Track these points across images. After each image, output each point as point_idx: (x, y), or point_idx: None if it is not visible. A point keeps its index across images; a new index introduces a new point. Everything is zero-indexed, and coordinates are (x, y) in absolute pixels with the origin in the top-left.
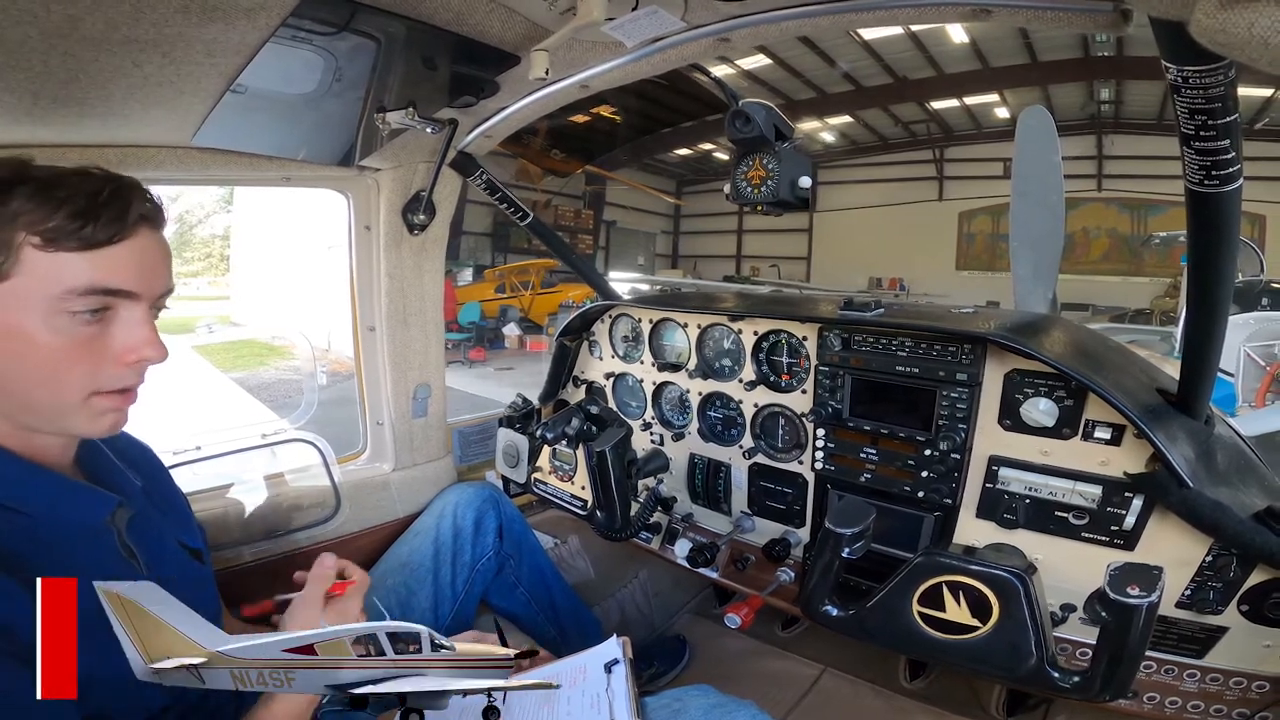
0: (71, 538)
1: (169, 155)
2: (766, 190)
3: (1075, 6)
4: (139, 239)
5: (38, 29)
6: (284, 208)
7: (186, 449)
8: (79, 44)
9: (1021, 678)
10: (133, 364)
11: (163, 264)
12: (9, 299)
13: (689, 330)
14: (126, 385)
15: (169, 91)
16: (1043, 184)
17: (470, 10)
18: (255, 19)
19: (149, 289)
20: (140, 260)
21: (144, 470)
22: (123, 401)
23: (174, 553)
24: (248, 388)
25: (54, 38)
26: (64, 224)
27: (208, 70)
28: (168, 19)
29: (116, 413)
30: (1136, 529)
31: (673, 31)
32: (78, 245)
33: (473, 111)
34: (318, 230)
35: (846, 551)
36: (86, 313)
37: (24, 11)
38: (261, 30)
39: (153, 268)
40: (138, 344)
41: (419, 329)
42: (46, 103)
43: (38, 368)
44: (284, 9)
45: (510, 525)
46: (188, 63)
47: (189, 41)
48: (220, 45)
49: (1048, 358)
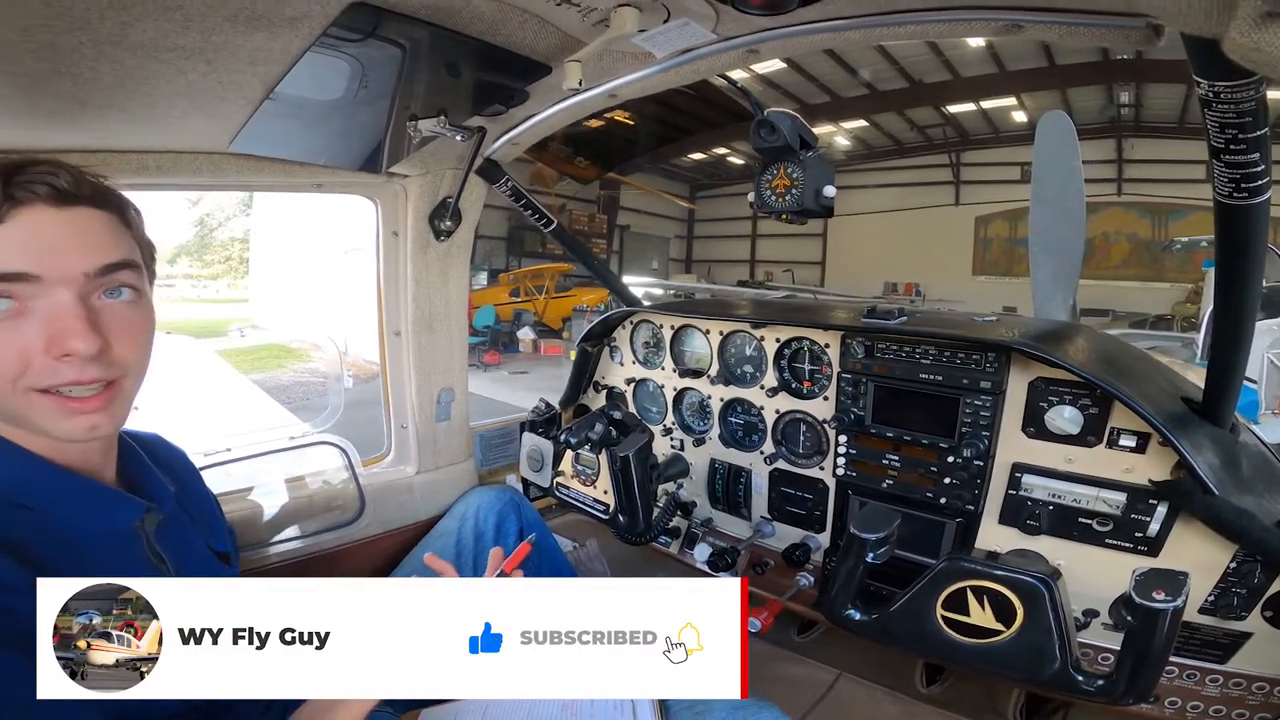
0: (97, 542)
1: (205, 161)
2: (791, 199)
3: (1106, 23)
4: (23, 219)
5: (89, 36)
6: (301, 211)
7: (217, 451)
8: (128, 51)
9: (1045, 681)
10: (59, 357)
11: (72, 241)
12: None
13: (711, 337)
14: (67, 380)
15: (210, 99)
16: (1063, 190)
17: (504, 21)
18: (298, 28)
19: (56, 271)
20: (34, 239)
21: (177, 474)
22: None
23: (202, 557)
24: (266, 389)
25: (104, 45)
26: None
27: (249, 78)
28: (215, 27)
29: (87, 414)
30: (1161, 535)
31: (703, 43)
32: None
33: (501, 119)
34: (335, 234)
35: (871, 556)
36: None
37: (78, 19)
38: (303, 39)
39: (54, 246)
40: (58, 334)
41: (444, 333)
42: (92, 109)
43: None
44: (326, 18)
45: (530, 528)
46: (230, 71)
47: (233, 50)
48: (263, 54)
49: (1074, 367)
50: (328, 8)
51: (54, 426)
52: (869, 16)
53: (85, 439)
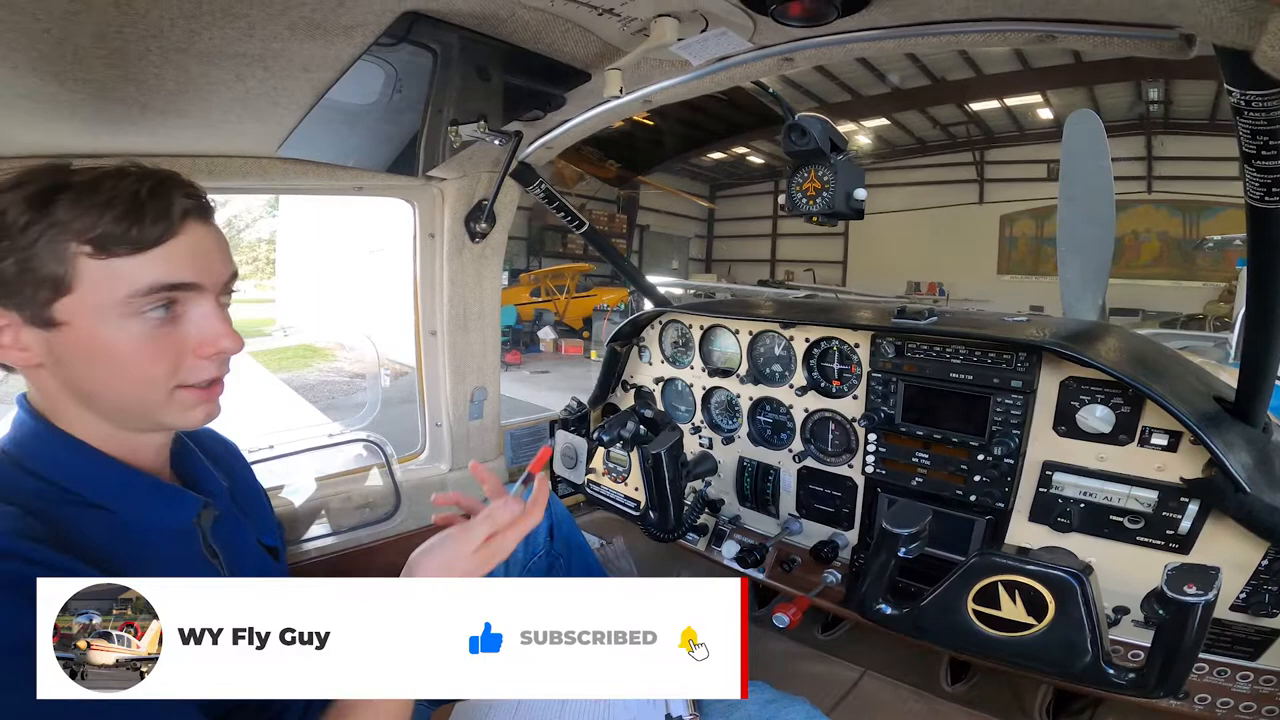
0: (158, 538)
1: (254, 165)
2: (822, 201)
3: (1138, 34)
4: (189, 233)
5: (158, 43)
6: (326, 213)
7: (261, 447)
8: (193, 58)
9: (1076, 675)
10: (210, 356)
11: (218, 253)
12: (79, 310)
13: (740, 336)
14: (208, 377)
15: (265, 104)
16: (1091, 189)
17: (547, 30)
18: (352, 36)
19: (210, 279)
20: (194, 252)
21: (229, 468)
22: (210, 393)
23: (254, 552)
24: (295, 388)
25: (171, 51)
26: (111, 229)
27: (302, 84)
28: (276, 35)
29: (207, 404)
30: (1192, 533)
31: (739, 51)
32: (129, 249)
33: (537, 124)
34: (359, 235)
35: (903, 551)
36: (156, 311)
37: (151, 26)
38: (356, 47)
39: (209, 258)
40: (212, 336)
41: (478, 333)
42: (153, 114)
43: (122, 371)
44: (379, 27)
45: (560, 525)
46: (286, 77)
47: (290, 57)
48: (317, 61)
49: (1107, 366)
50: (381, 17)
51: (184, 418)
52: (904, 27)
53: (197, 426)
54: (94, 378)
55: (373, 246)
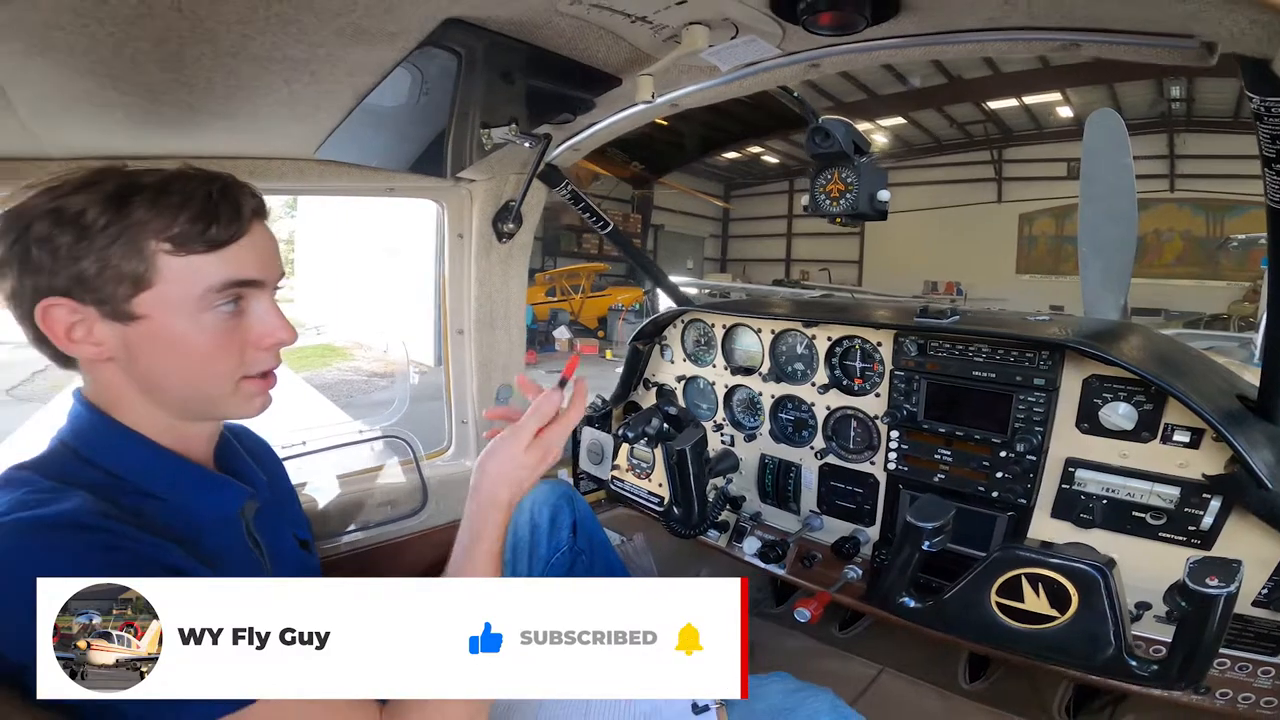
0: (209, 527)
1: (291, 167)
2: (845, 203)
3: (1160, 43)
4: (255, 232)
5: (213, 47)
6: (344, 214)
7: (293, 443)
8: (245, 62)
9: (1099, 666)
10: (269, 347)
11: (276, 252)
12: (157, 304)
13: (763, 335)
14: (266, 368)
15: (307, 107)
16: (1113, 189)
17: (582, 37)
18: (395, 42)
19: (271, 276)
20: (259, 251)
21: (266, 464)
22: (267, 384)
23: (290, 544)
24: (315, 386)
25: (224, 56)
26: (187, 228)
27: (344, 88)
28: (323, 41)
29: (264, 395)
30: (1214, 529)
31: (767, 57)
32: (205, 247)
33: (565, 126)
34: (378, 235)
35: (927, 545)
36: (227, 306)
37: (208, 31)
38: (398, 52)
39: (269, 256)
40: (272, 328)
41: (504, 332)
42: (202, 116)
43: (194, 364)
44: (422, 33)
45: (583, 522)
46: (330, 81)
47: (335, 61)
48: (361, 65)
49: (1130, 364)
50: (425, 24)
51: (246, 407)
52: (931, 35)
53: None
54: (165, 369)
55: (388, 247)
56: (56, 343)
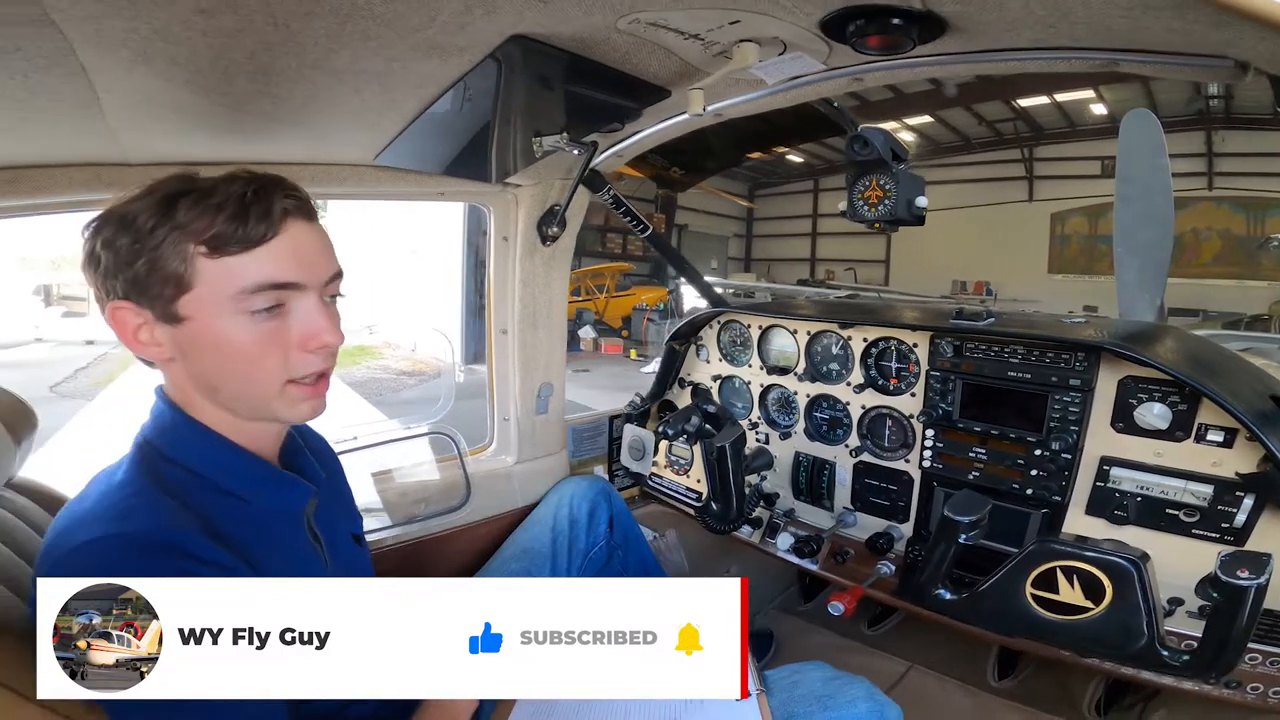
0: (277, 523)
1: (351, 173)
2: (884, 209)
3: (1196, 63)
4: (290, 232)
5: (298, 59)
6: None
7: (345, 439)
8: (326, 74)
9: (1132, 656)
10: (315, 350)
11: (321, 252)
12: (198, 306)
13: (798, 336)
14: (315, 371)
15: (373, 116)
16: (1149, 189)
17: (635, 51)
18: (464, 55)
19: (312, 277)
20: (295, 251)
21: (324, 461)
22: (317, 388)
23: (345, 539)
24: (347, 384)
25: (307, 68)
26: (223, 229)
27: (410, 99)
28: (398, 55)
29: (313, 400)
30: (1247, 526)
31: (812, 72)
32: (239, 247)
33: (611, 134)
34: (400, 236)
35: (963, 538)
36: (264, 308)
37: (297, 45)
38: (465, 65)
39: (311, 256)
40: (316, 331)
41: (545, 332)
42: (276, 125)
43: (238, 365)
44: (488, 48)
45: (619, 517)
46: (399, 92)
47: (406, 74)
48: (430, 78)
49: (1166, 366)
50: (492, 39)
51: (293, 412)
52: (974, 54)
53: (304, 420)
54: (216, 370)
55: (411, 248)
56: (126, 344)
